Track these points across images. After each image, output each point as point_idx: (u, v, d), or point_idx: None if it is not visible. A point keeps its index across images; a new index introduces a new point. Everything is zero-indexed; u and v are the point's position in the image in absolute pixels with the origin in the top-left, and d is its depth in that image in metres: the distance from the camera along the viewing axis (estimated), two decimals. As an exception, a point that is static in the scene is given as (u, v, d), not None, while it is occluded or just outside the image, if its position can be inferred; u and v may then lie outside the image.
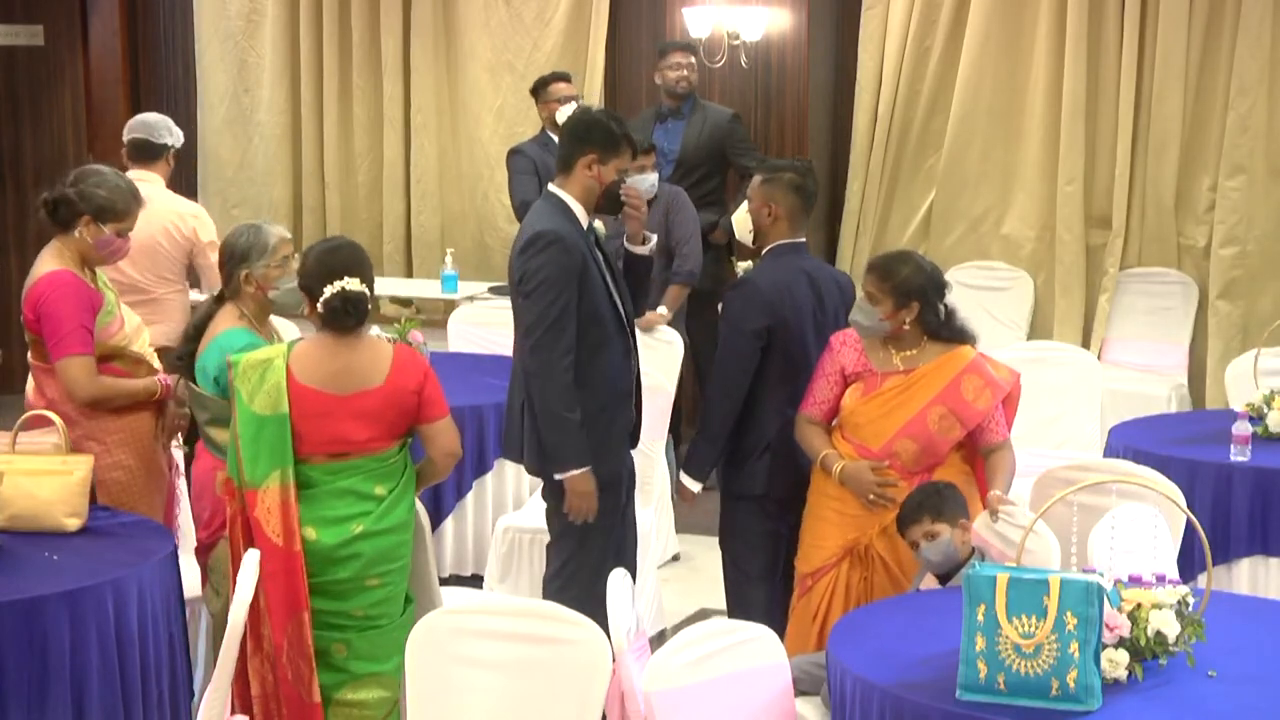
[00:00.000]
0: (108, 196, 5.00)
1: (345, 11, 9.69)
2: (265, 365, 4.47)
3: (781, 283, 5.21)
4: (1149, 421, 6.55)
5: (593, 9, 9.15)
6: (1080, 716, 3.55)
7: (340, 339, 4.48)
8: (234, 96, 9.99)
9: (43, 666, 4.12)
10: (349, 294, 4.43)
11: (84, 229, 4.97)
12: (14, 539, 4.55)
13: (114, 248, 5.04)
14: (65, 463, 4.71)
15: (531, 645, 3.92)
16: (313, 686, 4.41)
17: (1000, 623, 3.58)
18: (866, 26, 8.85)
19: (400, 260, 9.78)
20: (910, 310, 4.89)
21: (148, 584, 4.40)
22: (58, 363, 4.86)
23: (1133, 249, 8.55)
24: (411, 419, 4.54)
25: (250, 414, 4.44)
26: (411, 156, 9.66)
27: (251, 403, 4.44)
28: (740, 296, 5.26)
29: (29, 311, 4.92)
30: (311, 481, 4.46)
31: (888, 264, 4.97)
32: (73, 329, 4.85)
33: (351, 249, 4.60)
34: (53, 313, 4.85)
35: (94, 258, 5.06)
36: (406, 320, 6.74)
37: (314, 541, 4.42)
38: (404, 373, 4.50)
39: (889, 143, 8.89)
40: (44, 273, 4.93)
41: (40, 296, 4.89)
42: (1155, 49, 8.31)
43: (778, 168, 5.40)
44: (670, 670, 3.77)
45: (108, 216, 4.98)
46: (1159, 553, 4.57)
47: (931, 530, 4.56)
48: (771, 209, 5.26)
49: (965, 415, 4.84)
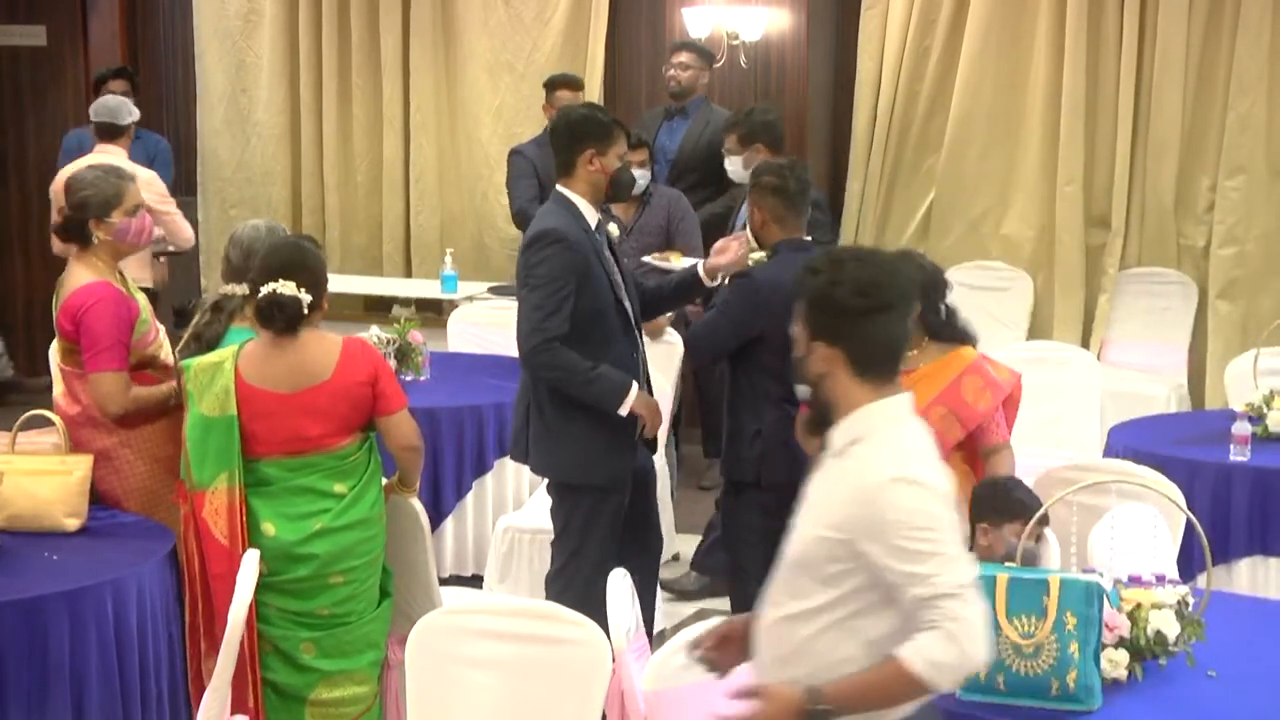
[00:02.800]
0: (95, 191, 5.00)
1: (344, 11, 9.67)
2: (215, 368, 4.51)
3: (778, 283, 5.21)
4: (1149, 422, 6.55)
5: (592, 9, 9.13)
6: (1080, 716, 3.55)
7: (282, 338, 4.49)
8: (232, 96, 9.98)
9: (42, 666, 4.13)
10: (277, 297, 4.43)
11: (98, 232, 4.98)
12: (14, 539, 4.56)
13: (134, 229, 5.02)
14: (65, 463, 4.72)
15: (532, 645, 3.92)
16: (256, 686, 4.47)
17: (1000, 623, 3.58)
18: (866, 26, 8.84)
19: (399, 260, 9.77)
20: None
21: (147, 584, 4.41)
22: (92, 375, 4.86)
23: (1132, 249, 8.53)
24: (367, 413, 4.56)
25: (199, 416, 4.48)
26: (411, 157, 9.64)
27: (200, 404, 4.47)
28: (737, 291, 5.30)
29: (66, 321, 4.91)
30: (270, 479, 4.51)
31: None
32: (110, 344, 4.86)
33: (293, 249, 4.59)
34: (92, 326, 4.86)
35: (125, 250, 5.07)
36: (406, 320, 6.75)
37: (272, 537, 4.46)
38: (352, 366, 4.52)
39: (888, 143, 8.88)
40: (82, 284, 4.91)
41: (80, 307, 4.88)
42: (1155, 48, 8.29)
43: (757, 171, 5.45)
44: (670, 670, 3.78)
45: (107, 207, 4.98)
46: (1159, 553, 4.57)
47: (1009, 535, 4.54)
48: (759, 213, 5.29)
49: (965, 416, 4.84)
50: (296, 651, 4.52)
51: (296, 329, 4.49)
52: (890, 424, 3.14)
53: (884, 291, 3.15)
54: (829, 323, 3.14)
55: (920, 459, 3.11)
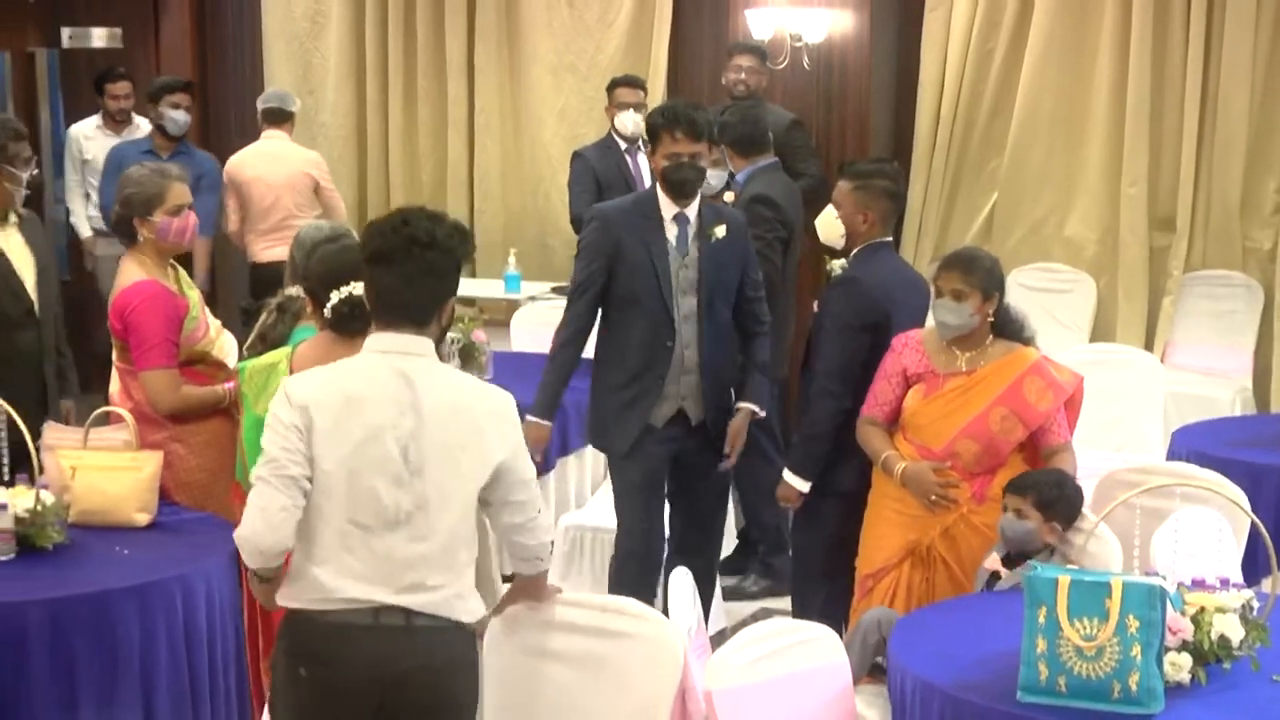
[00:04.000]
0: (139, 189, 5.06)
1: (410, 13, 9.73)
2: (270, 369, 4.54)
3: (884, 280, 5.27)
4: (1212, 425, 6.50)
5: (655, 11, 9.15)
6: (1142, 720, 3.53)
7: (343, 340, 4.50)
8: (299, 97, 10.04)
9: (113, 658, 4.17)
10: (356, 300, 4.40)
11: (142, 230, 5.03)
12: (86, 533, 4.62)
13: (175, 228, 5.06)
14: (135, 459, 4.77)
15: (604, 639, 3.92)
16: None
17: (1061, 625, 3.57)
18: (929, 28, 8.81)
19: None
20: (992, 302, 4.90)
21: (215, 580, 4.45)
22: (141, 373, 4.92)
23: (1197, 251, 8.46)
24: None
25: (254, 417, 4.52)
26: (475, 157, 9.69)
27: (255, 406, 4.52)
28: (846, 294, 5.27)
29: (115, 320, 4.98)
30: None
31: (970, 259, 4.97)
32: (158, 342, 4.92)
33: (356, 250, 4.61)
34: (139, 325, 4.92)
35: (168, 248, 5.11)
36: (469, 320, 6.77)
37: None
38: None
39: (951, 144, 8.85)
40: (129, 283, 4.98)
41: (126, 306, 4.95)
42: (1221, 49, 8.22)
43: (868, 173, 5.37)
44: (731, 669, 3.78)
45: (150, 205, 5.04)
46: (1223, 556, 4.54)
47: (1025, 511, 4.55)
48: (866, 215, 5.27)
49: (1027, 416, 4.83)
50: None
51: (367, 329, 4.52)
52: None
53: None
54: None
55: None
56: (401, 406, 3.58)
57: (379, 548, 3.55)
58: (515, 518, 3.74)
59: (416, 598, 3.56)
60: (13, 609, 4.09)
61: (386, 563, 3.55)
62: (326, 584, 3.54)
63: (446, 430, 3.60)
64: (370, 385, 3.59)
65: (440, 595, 3.59)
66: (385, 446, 3.55)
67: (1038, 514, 4.54)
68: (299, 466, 3.53)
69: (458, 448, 3.61)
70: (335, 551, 3.55)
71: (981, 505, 4.79)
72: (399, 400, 3.58)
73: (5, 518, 4.40)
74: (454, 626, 3.62)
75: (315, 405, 3.56)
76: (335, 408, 3.56)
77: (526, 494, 3.73)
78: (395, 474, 3.55)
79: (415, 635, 3.55)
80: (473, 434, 3.63)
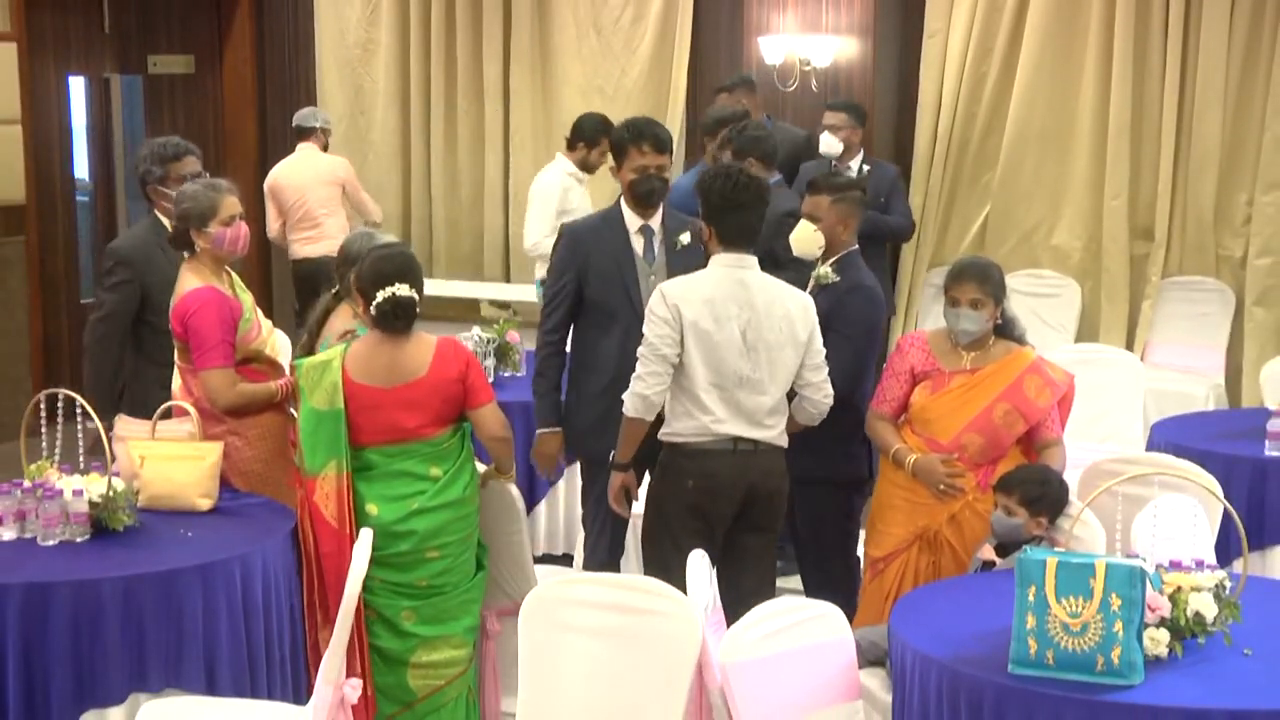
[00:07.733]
0: (192, 204, 5.04)
1: (451, 40, 9.77)
2: (325, 366, 4.55)
3: (876, 283, 5.26)
4: (1189, 419, 6.47)
5: (676, 38, 9.17)
6: (1123, 690, 3.51)
7: (388, 338, 4.52)
8: (351, 118, 10.09)
9: (179, 631, 4.18)
10: (399, 299, 4.47)
11: (198, 241, 5.03)
12: (154, 517, 4.63)
13: (230, 238, 5.04)
14: (198, 449, 4.78)
15: (629, 615, 3.90)
16: (363, 651, 4.51)
17: (1050, 603, 3.55)
18: (927, 54, 8.81)
19: (499, 267, 9.82)
20: (999, 307, 4.88)
21: (271, 560, 4.45)
22: (201, 372, 4.92)
23: (1174, 259, 8.45)
24: (458, 406, 4.58)
25: (310, 410, 4.53)
26: (510, 173, 9.71)
27: (311, 399, 4.52)
28: (861, 300, 5.19)
29: (176, 324, 4.98)
30: (372, 464, 4.55)
31: (984, 270, 4.92)
32: (216, 344, 4.92)
33: (403, 257, 4.63)
34: (198, 327, 4.91)
35: (224, 256, 5.09)
36: (504, 321, 6.77)
37: (375, 517, 4.51)
38: (445, 364, 4.55)
39: (948, 160, 8.85)
40: (188, 289, 4.98)
41: (186, 311, 4.95)
42: (1196, 74, 8.21)
43: (842, 186, 5.32)
44: (744, 644, 3.77)
45: (205, 218, 5.02)
46: (1198, 540, 4.51)
47: (1012, 507, 4.52)
48: (846, 225, 5.24)
49: (1028, 412, 4.81)
50: (398, 619, 4.55)
51: (411, 328, 4.53)
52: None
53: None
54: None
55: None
56: (740, 303, 4.63)
57: (732, 400, 4.65)
58: (814, 377, 4.75)
59: (760, 432, 4.68)
60: (89, 585, 4.09)
61: (739, 410, 4.65)
62: (704, 424, 4.64)
63: (772, 317, 4.66)
64: (719, 288, 4.64)
65: (775, 431, 4.73)
66: (731, 330, 4.59)
67: (1024, 510, 4.51)
68: (669, 347, 4.59)
69: (778, 330, 4.66)
70: (705, 403, 4.64)
71: (985, 493, 4.77)
72: (738, 298, 4.64)
73: (81, 502, 4.41)
74: (781, 450, 4.78)
75: (684, 302, 4.59)
76: (696, 303, 4.60)
77: (821, 359, 4.77)
78: (739, 349, 4.62)
79: (760, 456, 4.71)
80: (786, 321, 4.68)
